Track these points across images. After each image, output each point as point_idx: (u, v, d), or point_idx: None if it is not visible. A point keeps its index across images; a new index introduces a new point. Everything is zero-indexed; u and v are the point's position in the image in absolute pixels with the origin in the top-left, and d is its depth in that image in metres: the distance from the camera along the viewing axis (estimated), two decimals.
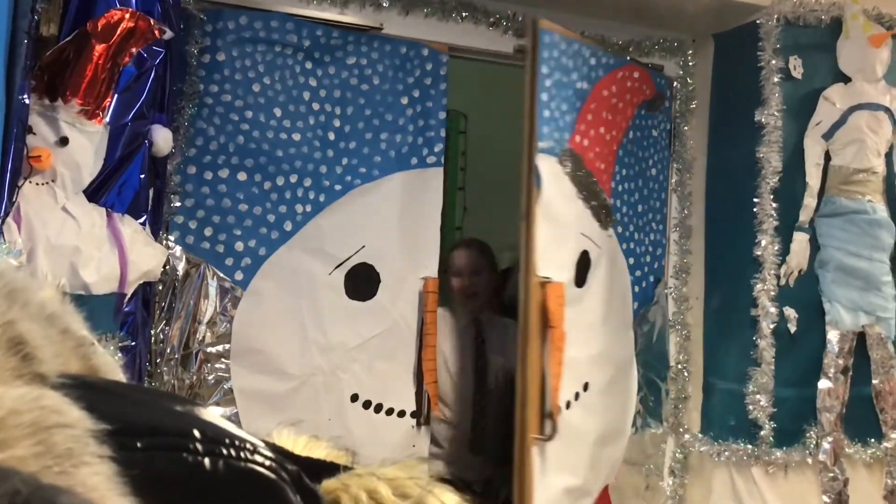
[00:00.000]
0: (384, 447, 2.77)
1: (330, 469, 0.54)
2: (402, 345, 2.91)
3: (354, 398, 2.83)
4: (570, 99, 2.88)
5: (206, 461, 0.39)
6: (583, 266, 2.90)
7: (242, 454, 0.40)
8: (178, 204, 2.65)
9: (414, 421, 2.91)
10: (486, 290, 3.34)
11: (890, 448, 2.97)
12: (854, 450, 2.95)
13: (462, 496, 0.55)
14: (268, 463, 0.41)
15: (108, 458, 0.37)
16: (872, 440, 2.97)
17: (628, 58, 3.18)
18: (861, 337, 2.98)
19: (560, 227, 2.77)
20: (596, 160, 2.98)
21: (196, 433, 0.40)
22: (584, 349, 2.82)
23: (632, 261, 3.18)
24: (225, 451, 0.40)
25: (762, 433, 2.89)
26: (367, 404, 2.85)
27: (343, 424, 2.78)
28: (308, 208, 2.81)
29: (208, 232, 2.68)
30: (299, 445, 0.63)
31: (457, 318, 3.31)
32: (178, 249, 2.64)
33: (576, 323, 2.76)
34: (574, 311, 2.76)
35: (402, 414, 2.90)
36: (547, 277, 2.66)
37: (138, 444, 0.39)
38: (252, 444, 0.41)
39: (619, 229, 3.12)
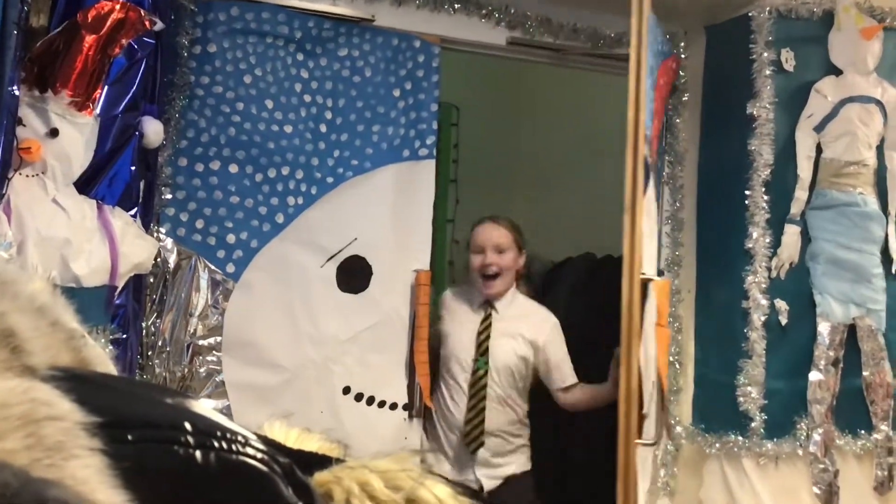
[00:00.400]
0: (376, 439, 2.78)
1: (322, 462, 0.54)
2: (394, 337, 2.91)
3: (346, 391, 2.83)
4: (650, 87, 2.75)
5: (198, 454, 0.39)
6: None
7: (234, 447, 0.40)
8: (169, 196, 2.64)
9: (406, 413, 2.92)
10: (508, 273, 3.01)
11: (880, 439, 2.98)
12: (844, 441, 2.96)
13: (454, 488, 0.55)
14: (259, 455, 0.40)
15: (98, 450, 0.37)
16: (863, 432, 2.98)
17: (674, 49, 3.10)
18: (852, 329, 2.99)
19: (650, 221, 2.72)
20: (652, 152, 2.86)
21: (187, 426, 0.39)
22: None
23: None
24: (216, 444, 0.39)
25: (753, 425, 2.90)
26: (359, 397, 2.85)
27: (335, 417, 2.78)
28: (300, 200, 2.81)
29: (200, 224, 2.68)
30: (291, 438, 0.63)
31: (470, 302, 3.05)
32: (169, 242, 2.64)
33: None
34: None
35: (394, 406, 2.90)
36: (649, 276, 2.58)
37: (129, 437, 0.38)
38: (244, 436, 0.41)
39: None
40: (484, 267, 2.96)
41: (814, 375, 2.94)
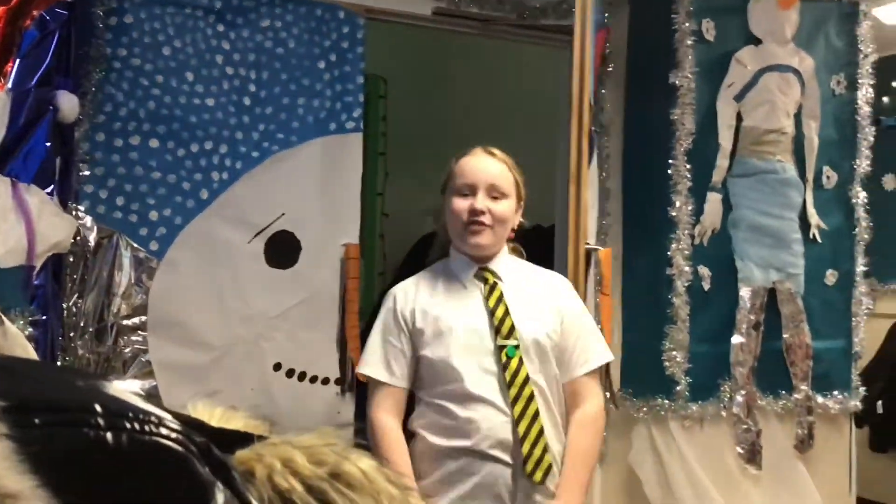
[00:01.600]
0: (308, 415, 2.76)
1: (244, 439, 0.53)
2: (325, 312, 2.89)
3: (277, 367, 2.81)
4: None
5: (109, 435, 0.37)
6: None
7: (147, 427, 0.39)
8: (87, 173, 2.56)
9: (338, 388, 2.90)
10: (502, 229, 2.09)
11: (800, 399, 3.08)
12: (766, 402, 3.05)
13: (378, 461, 0.55)
14: (174, 435, 0.39)
15: (3, 435, 0.35)
16: (783, 392, 3.08)
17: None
18: (772, 293, 3.07)
19: (593, 192, 2.74)
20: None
21: (98, 408, 0.38)
22: None
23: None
24: (129, 425, 0.38)
25: (678, 388, 2.97)
26: (290, 373, 2.83)
27: (266, 394, 2.76)
28: (225, 176, 2.75)
29: (120, 201, 2.61)
30: (215, 417, 0.62)
31: (450, 279, 2.12)
32: (88, 220, 2.56)
33: None
34: None
35: (325, 381, 2.89)
36: (594, 246, 2.61)
37: (36, 421, 0.37)
38: (157, 416, 0.40)
39: None
40: (473, 213, 2.04)
41: (736, 339, 3.02)
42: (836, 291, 3.20)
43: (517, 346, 2.00)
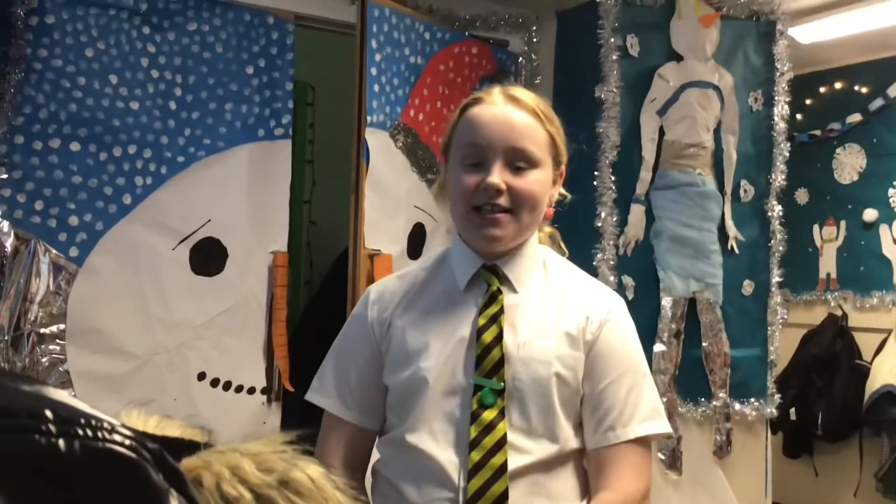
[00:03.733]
0: (234, 425, 2.72)
1: (190, 447, 0.53)
2: (252, 320, 2.85)
3: (202, 376, 2.76)
4: (402, 73, 2.94)
5: (61, 442, 0.37)
6: (418, 238, 2.98)
7: (100, 433, 0.38)
8: (4, 176, 2.48)
9: (264, 397, 2.87)
10: (530, 214, 1.41)
11: (718, 406, 3.17)
12: (686, 409, 3.13)
13: (326, 468, 0.55)
14: (127, 442, 0.39)
15: None
16: (703, 399, 3.16)
17: (467, 33, 3.21)
18: (692, 302, 3.15)
19: (391, 200, 2.85)
20: (433, 134, 3.05)
21: (48, 413, 0.37)
22: None
23: None
24: (80, 431, 0.37)
25: None
26: (214, 382, 2.78)
27: (190, 403, 2.70)
28: (149, 181, 2.70)
29: (39, 206, 2.53)
30: (150, 426, 0.61)
31: (440, 281, 1.49)
32: (5, 224, 2.48)
33: None
34: None
35: (251, 391, 2.85)
36: (377, 250, 2.75)
37: None
38: (109, 423, 0.39)
39: None
40: (486, 192, 1.38)
41: (657, 347, 3.08)
42: (752, 301, 3.29)
43: (500, 392, 1.34)
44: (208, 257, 2.77)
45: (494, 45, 3.29)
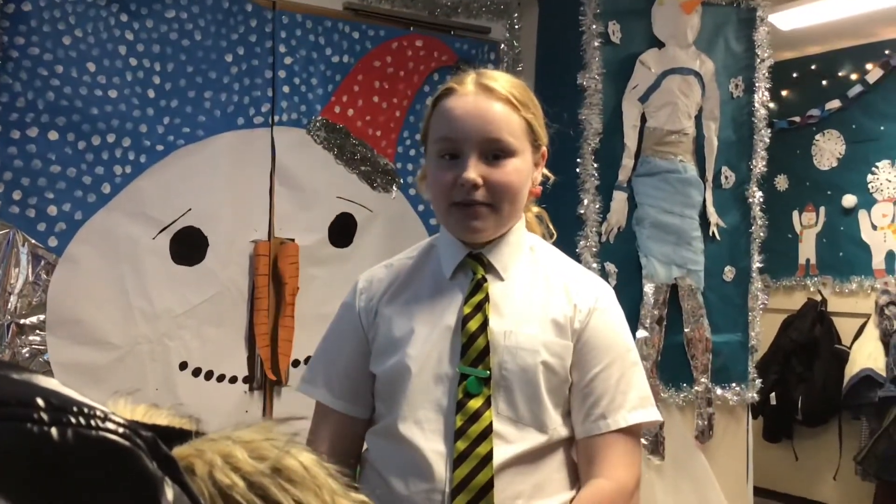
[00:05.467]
0: (216, 414, 2.70)
1: (181, 436, 0.52)
2: (233, 310, 2.84)
3: (183, 366, 2.75)
4: (322, 73, 3.03)
5: (54, 431, 0.36)
6: (343, 228, 3.08)
7: (93, 422, 0.37)
8: None
9: (247, 386, 2.86)
10: (509, 204, 1.40)
11: (700, 391, 3.19)
12: (668, 394, 3.14)
13: (318, 455, 0.55)
14: (121, 430, 0.38)
15: None
16: (685, 385, 3.18)
17: (411, 28, 3.22)
18: (674, 289, 3.17)
19: (305, 192, 2.98)
20: (367, 127, 3.14)
21: (40, 401, 0.36)
22: None
23: (434, 221, 3.25)
24: (73, 420, 0.37)
25: None
26: (196, 372, 2.77)
27: (172, 393, 2.69)
28: (128, 170, 2.67)
29: (17, 195, 2.50)
30: (138, 415, 0.61)
31: (424, 269, 1.49)
32: None
33: (334, 279, 2.94)
34: (331, 268, 3.00)
35: (234, 380, 2.84)
36: (290, 239, 2.94)
37: None
38: (102, 411, 0.38)
39: (413, 191, 3.22)
40: (463, 187, 1.36)
41: (640, 333, 3.10)
42: (733, 287, 3.31)
43: (487, 380, 1.34)
44: (189, 246, 2.76)
45: (456, 35, 3.30)
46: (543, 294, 1.43)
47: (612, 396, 1.38)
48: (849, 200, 4.72)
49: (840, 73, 4.77)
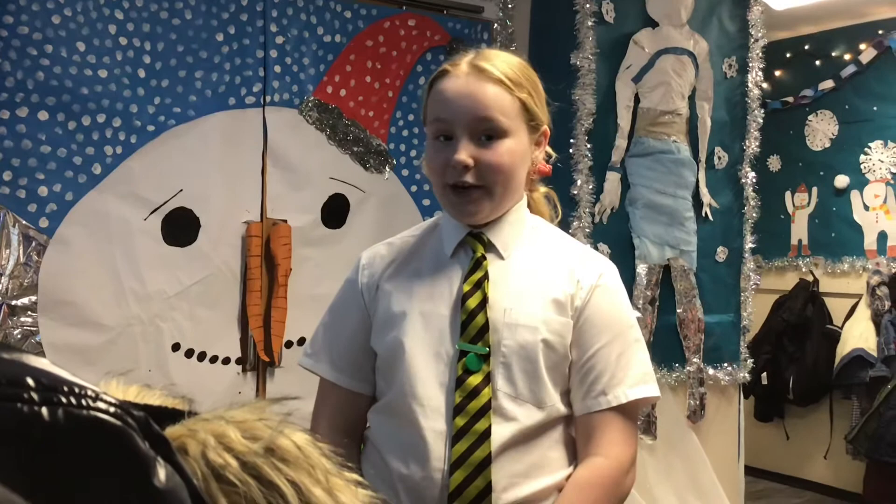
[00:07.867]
0: (209, 395, 2.71)
1: (173, 415, 0.52)
2: (226, 291, 2.83)
3: (176, 347, 2.74)
4: (314, 53, 3.02)
5: (44, 411, 0.35)
6: (337, 208, 3.07)
7: (84, 401, 0.37)
8: None
9: (239, 367, 2.86)
10: (504, 185, 1.39)
11: (692, 371, 3.20)
12: (661, 374, 3.15)
13: (312, 435, 0.54)
14: (112, 410, 0.38)
15: None
16: (677, 365, 3.18)
17: (403, 7, 3.20)
18: (666, 269, 3.17)
19: (297, 173, 2.97)
20: (360, 108, 3.12)
21: (30, 381, 0.36)
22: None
23: (427, 202, 3.24)
24: (64, 399, 0.36)
25: None
26: (189, 353, 2.77)
27: (164, 375, 2.69)
28: (119, 150, 2.66)
29: (7, 176, 2.48)
30: (130, 395, 0.60)
31: (426, 247, 1.49)
32: None
33: (327, 260, 2.96)
34: (323, 249, 3.01)
35: (226, 361, 2.84)
36: (283, 220, 2.93)
37: None
38: (93, 390, 0.38)
39: (406, 172, 3.21)
40: (454, 169, 1.36)
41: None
42: (725, 267, 3.32)
43: (486, 357, 1.34)
44: (181, 227, 2.75)
45: (449, 14, 3.28)
46: (544, 272, 1.42)
47: (613, 373, 1.38)
48: (841, 181, 4.73)
49: (833, 54, 4.76)
